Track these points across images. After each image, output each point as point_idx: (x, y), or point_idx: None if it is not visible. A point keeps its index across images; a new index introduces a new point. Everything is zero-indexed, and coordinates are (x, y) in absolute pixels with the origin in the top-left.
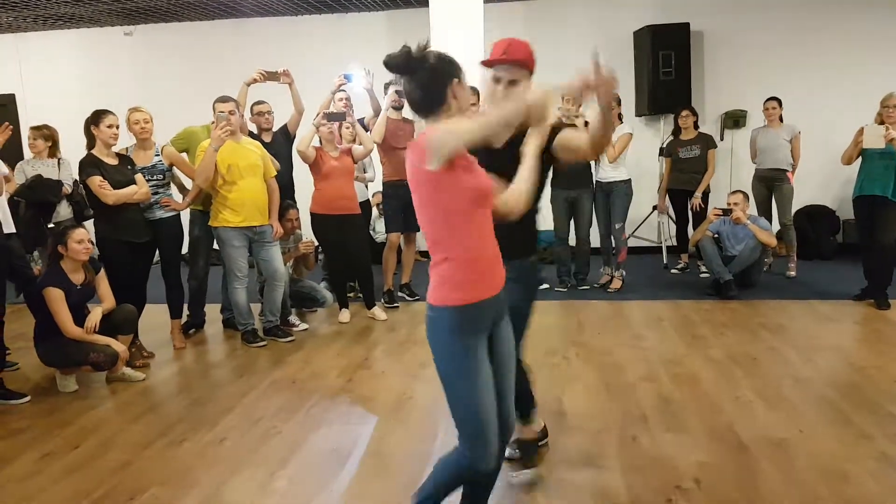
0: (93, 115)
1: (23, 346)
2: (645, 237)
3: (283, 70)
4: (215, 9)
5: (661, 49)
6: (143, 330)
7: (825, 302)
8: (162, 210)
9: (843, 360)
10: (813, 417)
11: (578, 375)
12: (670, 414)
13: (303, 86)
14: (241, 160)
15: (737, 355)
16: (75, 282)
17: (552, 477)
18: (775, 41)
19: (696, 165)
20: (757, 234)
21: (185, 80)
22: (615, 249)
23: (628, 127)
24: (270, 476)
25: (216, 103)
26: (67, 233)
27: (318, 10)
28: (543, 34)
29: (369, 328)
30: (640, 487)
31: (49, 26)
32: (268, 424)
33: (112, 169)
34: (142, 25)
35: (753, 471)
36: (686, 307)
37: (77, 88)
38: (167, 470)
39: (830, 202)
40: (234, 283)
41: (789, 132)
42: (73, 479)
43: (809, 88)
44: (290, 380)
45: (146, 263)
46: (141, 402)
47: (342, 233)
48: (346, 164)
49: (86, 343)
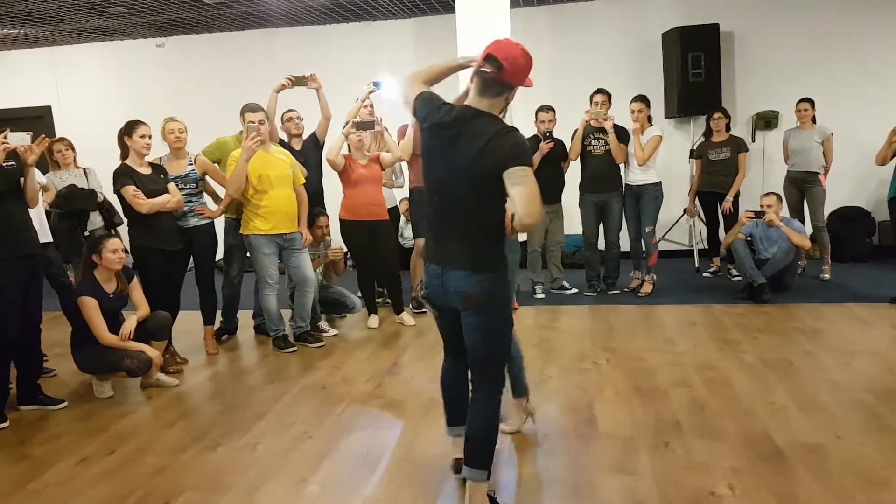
0: (126, 126)
1: (60, 353)
2: (676, 240)
3: (311, 74)
4: (245, 19)
5: (691, 50)
6: (177, 336)
7: (861, 305)
8: (196, 218)
9: (880, 364)
10: (850, 423)
11: (609, 381)
12: (704, 419)
13: (331, 94)
14: (271, 170)
15: (771, 360)
16: (108, 290)
17: (584, 483)
18: (806, 41)
19: (726, 168)
20: (790, 236)
21: (216, 90)
22: (645, 253)
23: (658, 129)
24: (303, 481)
25: (245, 112)
26: (102, 242)
27: (346, 19)
28: (570, 38)
29: (398, 333)
30: (673, 494)
31: (83, 40)
32: (300, 430)
33: (145, 178)
34: (173, 37)
35: (789, 477)
36: (718, 311)
37: (111, 100)
38: (201, 475)
39: (865, 203)
40: (265, 289)
41: (821, 134)
42: (109, 483)
43: (842, 88)
44: (320, 385)
45: (180, 271)
46: (175, 408)
47: (371, 239)
48: (375, 171)
49: (120, 349)
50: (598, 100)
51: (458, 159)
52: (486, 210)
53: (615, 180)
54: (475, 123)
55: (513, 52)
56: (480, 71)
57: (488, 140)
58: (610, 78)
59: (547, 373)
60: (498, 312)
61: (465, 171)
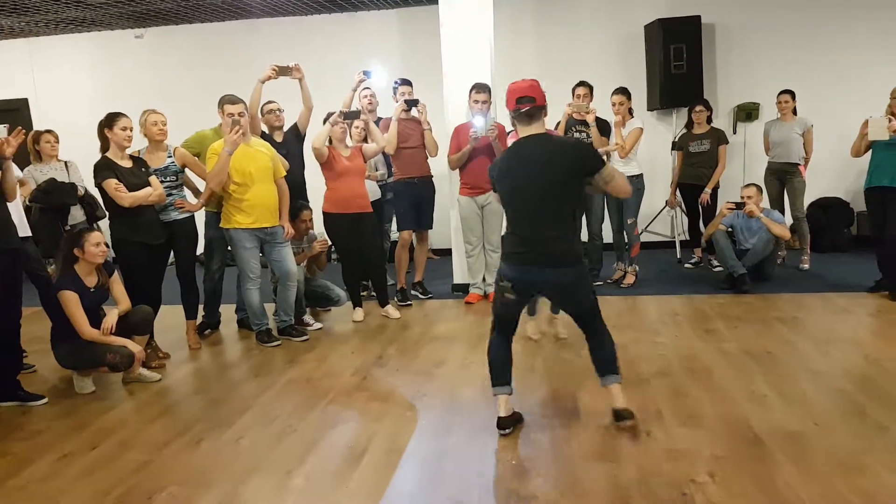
0: (106, 118)
1: (40, 349)
2: (658, 232)
3: (294, 65)
4: (225, 10)
5: (673, 42)
6: (159, 331)
7: (840, 294)
8: (176, 212)
9: (858, 352)
10: (828, 410)
11: (592, 371)
12: (685, 408)
13: (314, 85)
14: (252, 164)
15: (751, 349)
16: (89, 284)
17: (567, 471)
18: (788, 33)
19: (706, 160)
20: (770, 227)
21: (196, 82)
22: (628, 245)
23: (639, 121)
24: (287, 474)
25: (225, 104)
26: (84, 236)
27: (329, 10)
28: (553, 29)
29: (383, 327)
30: (655, 481)
31: (60, 30)
32: (284, 423)
33: (126, 171)
34: (152, 28)
35: (769, 464)
36: (700, 301)
37: (89, 92)
38: (185, 469)
39: (844, 194)
40: (246, 283)
41: (802, 125)
42: (92, 479)
43: (822, 80)
44: (305, 379)
45: (161, 265)
46: (158, 403)
47: (356, 232)
48: (358, 163)
49: (102, 344)
50: (580, 92)
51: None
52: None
53: None
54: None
55: (524, 85)
56: (520, 111)
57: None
58: (592, 70)
59: (531, 363)
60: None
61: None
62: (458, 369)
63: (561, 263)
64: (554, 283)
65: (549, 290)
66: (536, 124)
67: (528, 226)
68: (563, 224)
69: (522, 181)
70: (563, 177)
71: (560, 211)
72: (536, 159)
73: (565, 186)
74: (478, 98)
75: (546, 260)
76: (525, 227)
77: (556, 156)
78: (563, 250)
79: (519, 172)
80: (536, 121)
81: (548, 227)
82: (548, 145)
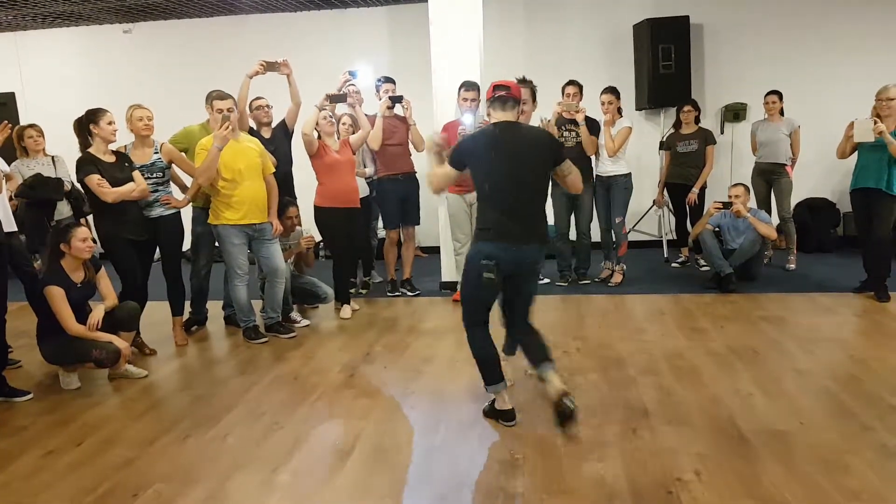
0: (89, 114)
1: (25, 344)
2: (645, 231)
3: (283, 60)
4: (214, 6)
5: (661, 42)
6: (145, 327)
7: (826, 294)
8: (162, 208)
9: (843, 352)
10: (813, 409)
11: (579, 369)
12: (671, 406)
13: (302, 81)
14: (241, 161)
15: (737, 348)
16: (75, 280)
17: (554, 469)
18: (775, 34)
19: (693, 160)
20: (757, 226)
21: (184, 78)
22: (616, 243)
23: (628, 121)
24: (273, 471)
25: (214, 100)
26: (70, 231)
27: (318, 6)
28: (542, 28)
29: (371, 324)
30: (641, 479)
31: (48, 24)
32: (270, 420)
33: (110, 167)
34: (141, 23)
35: (754, 462)
36: (687, 300)
37: (77, 86)
38: (171, 466)
39: (830, 195)
40: (234, 280)
41: (789, 126)
42: (77, 475)
43: (809, 81)
44: (292, 376)
45: (147, 261)
46: (144, 399)
47: (349, 225)
48: (348, 156)
49: (88, 340)
50: (569, 91)
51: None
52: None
53: (586, 172)
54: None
55: (501, 82)
56: (497, 97)
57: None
58: (581, 69)
59: (518, 361)
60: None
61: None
62: (446, 367)
63: (544, 242)
64: (531, 263)
65: (526, 269)
66: (510, 113)
67: (518, 206)
68: (543, 205)
69: (512, 163)
70: (544, 161)
71: (542, 192)
72: (522, 142)
73: (544, 170)
74: (467, 96)
75: (535, 238)
76: (514, 207)
77: (538, 141)
78: (544, 230)
79: (505, 154)
80: (510, 109)
81: (535, 208)
82: (527, 131)
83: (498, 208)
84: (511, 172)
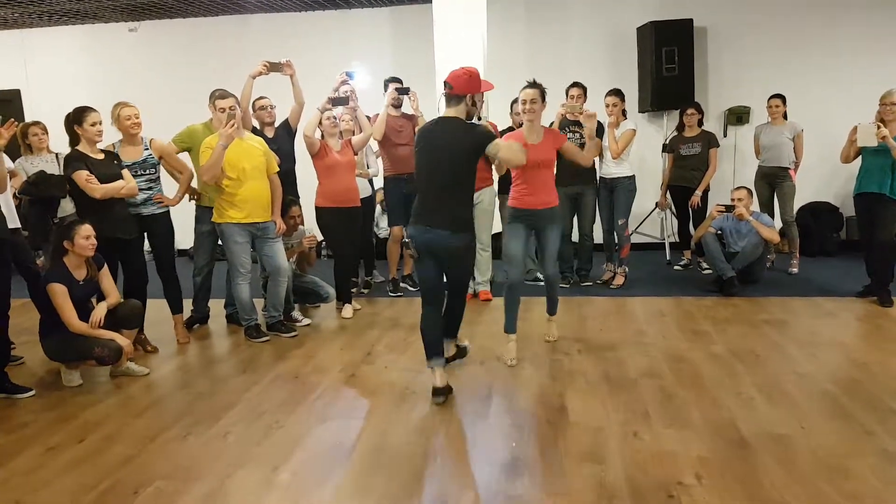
0: (75, 114)
1: (28, 341)
2: (648, 233)
3: (286, 61)
4: (219, 5)
5: (665, 45)
6: (146, 325)
7: (828, 298)
8: (154, 206)
9: (845, 356)
10: (814, 413)
11: (580, 371)
12: (672, 409)
13: (305, 81)
14: (246, 160)
15: (739, 351)
16: (78, 277)
17: (554, 471)
18: (778, 38)
19: (696, 163)
20: (759, 230)
21: (189, 77)
22: (618, 245)
23: (632, 123)
24: (274, 470)
25: (216, 99)
26: (74, 228)
27: (322, 7)
28: (546, 30)
29: (372, 323)
30: (642, 483)
31: (54, 22)
32: (271, 419)
33: (99, 163)
34: (146, 22)
35: (755, 466)
36: (688, 303)
37: (82, 84)
38: (171, 464)
39: (833, 199)
40: (237, 278)
41: (792, 130)
42: (78, 472)
43: (813, 85)
44: (293, 374)
45: (136, 259)
46: (145, 397)
47: (349, 225)
48: (349, 156)
49: (90, 337)
50: (574, 93)
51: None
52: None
53: (589, 173)
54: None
55: (455, 73)
56: (443, 94)
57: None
58: (584, 71)
59: (519, 363)
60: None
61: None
62: (447, 366)
63: (459, 229)
64: (447, 247)
65: (445, 252)
66: (452, 109)
67: (435, 194)
68: (462, 195)
69: (434, 155)
70: (463, 151)
71: (462, 182)
72: (444, 136)
73: (466, 162)
74: None
75: (448, 224)
76: (432, 194)
77: (459, 133)
78: (461, 218)
79: (432, 147)
80: (453, 105)
81: (451, 197)
82: (453, 125)
83: (420, 195)
84: (430, 164)
